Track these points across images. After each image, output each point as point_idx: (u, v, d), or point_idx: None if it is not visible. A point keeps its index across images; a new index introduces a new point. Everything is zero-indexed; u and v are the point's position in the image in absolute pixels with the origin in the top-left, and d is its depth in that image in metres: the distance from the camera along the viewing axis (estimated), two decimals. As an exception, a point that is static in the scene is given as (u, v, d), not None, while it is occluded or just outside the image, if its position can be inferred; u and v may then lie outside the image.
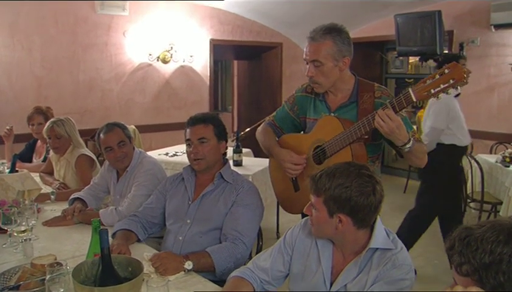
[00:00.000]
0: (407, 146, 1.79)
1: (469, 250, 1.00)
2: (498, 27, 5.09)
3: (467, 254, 1.00)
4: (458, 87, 1.66)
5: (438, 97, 1.68)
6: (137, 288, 1.42)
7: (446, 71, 1.65)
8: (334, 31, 1.95)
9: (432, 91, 1.67)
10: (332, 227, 1.48)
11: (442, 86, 1.66)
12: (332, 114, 2.05)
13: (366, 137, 1.89)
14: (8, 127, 3.89)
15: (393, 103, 1.75)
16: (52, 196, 2.82)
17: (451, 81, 1.64)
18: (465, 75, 1.62)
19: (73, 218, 2.39)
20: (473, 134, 5.44)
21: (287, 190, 2.21)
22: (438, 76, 1.67)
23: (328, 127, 1.98)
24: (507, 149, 4.51)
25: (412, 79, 7.61)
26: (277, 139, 2.27)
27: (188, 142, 2.12)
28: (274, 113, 2.33)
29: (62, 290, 1.42)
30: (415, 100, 1.71)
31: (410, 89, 1.72)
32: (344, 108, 2.04)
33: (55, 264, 1.49)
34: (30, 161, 3.82)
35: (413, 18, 5.38)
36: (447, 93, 1.68)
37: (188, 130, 2.13)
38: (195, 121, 2.12)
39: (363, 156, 1.92)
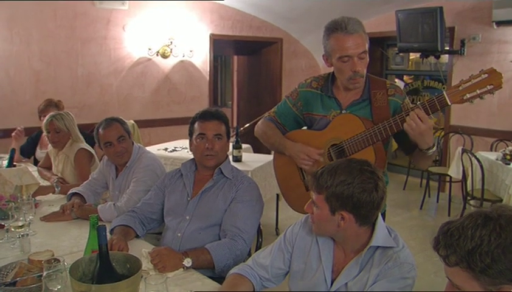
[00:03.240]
0: (432, 150, 1.77)
1: (453, 240, 1.02)
2: (500, 23, 5.06)
3: (451, 244, 1.03)
4: (494, 93, 1.65)
5: (472, 102, 1.67)
6: (135, 285, 1.40)
7: (483, 76, 1.64)
8: (359, 21, 1.88)
9: (468, 96, 1.66)
10: (334, 224, 1.47)
11: (478, 91, 1.65)
12: (344, 111, 1.97)
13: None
14: (19, 128, 3.84)
15: (425, 105, 1.72)
16: (57, 189, 2.81)
17: (488, 87, 1.63)
18: (502, 81, 1.62)
19: (71, 213, 2.37)
20: (474, 131, 5.47)
21: (296, 188, 2.10)
22: (473, 80, 1.65)
23: (347, 125, 1.90)
24: (507, 146, 4.50)
25: (412, 76, 7.60)
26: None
27: (202, 136, 2.07)
28: (274, 108, 2.20)
29: (59, 287, 1.40)
30: (450, 103, 1.70)
31: (444, 93, 1.70)
32: (356, 105, 1.96)
33: (52, 261, 1.47)
34: (33, 154, 3.80)
35: (415, 14, 5.34)
36: (481, 98, 1.66)
37: (201, 124, 2.09)
38: (210, 116, 2.09)
39: (383, 157, 1.89)
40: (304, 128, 2.15)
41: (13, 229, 2.02)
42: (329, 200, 1.44)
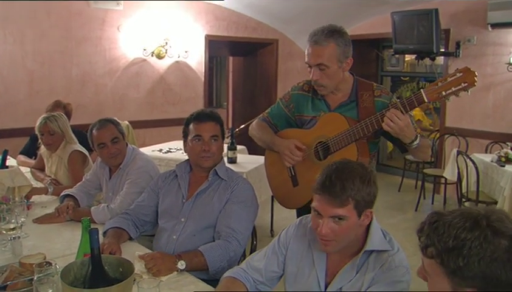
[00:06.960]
0: (415, 143, 1.85)
1: (436, 234, 1.04)
2: (495, 26, 5.07)
3: (433, 237, 1.04)
4: (469, 91, 1.72)
5: (448, 99, 1.76)
6: (127, 289, 1.38)
7: (458, 74, 1.72)
8: (336, 34, 1.95)
9: (444, 93, 1.75)
10: (357, 226, 1.43)
11: (453, 89, 1.73)
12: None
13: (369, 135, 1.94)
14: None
15: (403, 103, 1.81)
16: (50, 189, 2.79)
17: (462, 85, 1.71)
18: (476, 79, 1.69)
19: (65, 215, 2.34)
20: (469, 133, 5.48)
21: (284, 185, 2.19)
22: (449, 79, 1.74)
23: (332, 124, 1.99)
24: (502, 148, 4.51)
25: (408, 78, 7.62)
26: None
27: (198, 138, 2.06)
28: (268, 110, 2.31)
29: (50, 291, 1.39)
30: (426, 101, 1.77)
31: (422, 90, 1.78)
32: (344, 107, 2.06)
33: (44, 264, 1.45)
34: (35, 153, 3.76)
35: (410, 16, 5.36)
36: (457, 95, 1.75)
37: (197, 126, 2.07)
38: (206, 117, 2.08)
39: (366, 153, 1.96)
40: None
41: (4, 232, 1.98)
42: (357, 206, 1.40)
